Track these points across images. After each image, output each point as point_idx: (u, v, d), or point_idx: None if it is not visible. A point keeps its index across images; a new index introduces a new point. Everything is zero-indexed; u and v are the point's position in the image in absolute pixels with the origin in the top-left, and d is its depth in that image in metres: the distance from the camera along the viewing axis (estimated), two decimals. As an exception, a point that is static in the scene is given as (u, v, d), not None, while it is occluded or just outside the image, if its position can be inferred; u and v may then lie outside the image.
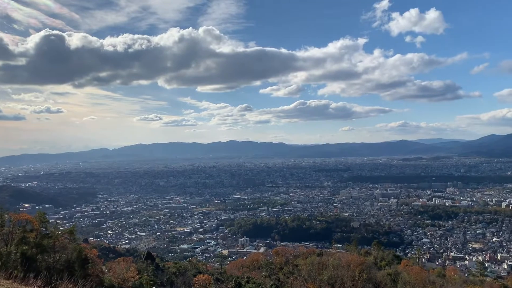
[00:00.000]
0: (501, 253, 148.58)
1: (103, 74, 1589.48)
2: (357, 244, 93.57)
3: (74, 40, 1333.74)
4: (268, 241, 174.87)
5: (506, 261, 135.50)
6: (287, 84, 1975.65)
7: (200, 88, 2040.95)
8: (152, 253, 60.61)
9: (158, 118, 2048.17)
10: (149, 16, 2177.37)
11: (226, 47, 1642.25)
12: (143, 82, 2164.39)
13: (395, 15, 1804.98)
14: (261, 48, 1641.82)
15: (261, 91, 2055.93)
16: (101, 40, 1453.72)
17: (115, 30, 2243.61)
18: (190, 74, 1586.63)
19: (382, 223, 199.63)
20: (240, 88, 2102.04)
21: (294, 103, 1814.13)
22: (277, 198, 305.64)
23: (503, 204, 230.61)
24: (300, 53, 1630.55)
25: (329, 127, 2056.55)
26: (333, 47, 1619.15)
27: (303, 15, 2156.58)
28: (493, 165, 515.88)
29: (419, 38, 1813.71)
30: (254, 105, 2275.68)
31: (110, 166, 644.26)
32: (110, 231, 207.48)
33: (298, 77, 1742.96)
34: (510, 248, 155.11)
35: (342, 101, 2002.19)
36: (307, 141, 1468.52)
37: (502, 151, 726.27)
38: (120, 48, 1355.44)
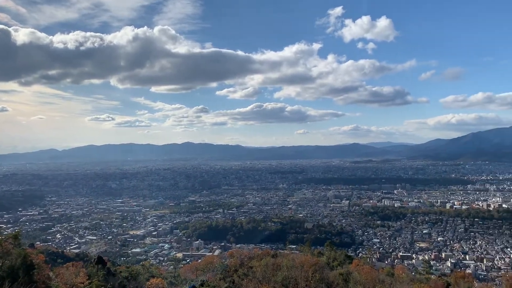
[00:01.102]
0: (445, 251, 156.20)
1: (52, 72, 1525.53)
2: (311, 245, 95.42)
3: (21, 35, 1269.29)
4: (223, 244, 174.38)
5: (449, 259, 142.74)
6: (244, 87, 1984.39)
7: (154, 89, 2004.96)
8: (104, 258, 58.80)
9: (110, 119, 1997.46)
10: (102, 13, 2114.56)
11: (182, 48, 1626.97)
12: (95, 81, 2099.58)
13: (348, 21, 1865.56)
14: (217, 49, 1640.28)
15: (217, 92, 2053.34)
16: (51, 37, 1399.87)
17: (66, 27, 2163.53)
18: (144, 74, 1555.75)
19: (334, 224, 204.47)
20: (196, 89, 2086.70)
21: (251, 106, 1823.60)
22: (233, 200, 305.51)
23: (447, 205, 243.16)
24: (257, 56, 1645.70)
25: (285, 130, 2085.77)
26: (289, 51, 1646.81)
27: (260, 18, 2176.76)
28: (438, 168, 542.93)
29: (371, 45, 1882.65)
30: (210, 107, 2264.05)
31: (59, 167, 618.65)
32: (58, 235, 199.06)
33: (254, 80, 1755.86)
34: (453, 247, 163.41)
35: (297, 104, 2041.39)
36: (264, 144, 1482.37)
37: (447, 155, 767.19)
38: (71, 45, 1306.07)
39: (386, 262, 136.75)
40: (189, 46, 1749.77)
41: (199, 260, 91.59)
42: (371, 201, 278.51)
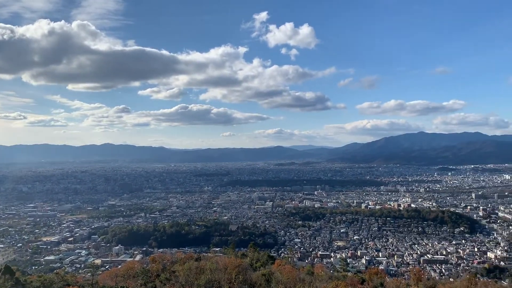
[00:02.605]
0: (361, 249, 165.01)
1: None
2: (235, 246, 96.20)
3: None
4: (145, 249, 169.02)
5: (364, 257, 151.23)
6: (168, 87, 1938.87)
7: (72, 86, 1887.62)
8: (12, 267, 54.22)
9: (22, 117, 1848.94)
10: (13, 3, 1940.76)
11: (103, 44, 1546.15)
12: (5, 76, 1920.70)
13: (272, 27, 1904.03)
14: (141, 48, 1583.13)
15: (140, 92, 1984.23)
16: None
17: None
18: (60, 70, 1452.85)
19: (258, 225, 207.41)
20: (117, 88, 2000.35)
21: (176, 107, 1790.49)
22: (155, 204, 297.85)
23: (363, 205, 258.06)
24: (182, 56, 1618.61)
25: (210, 132, 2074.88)
26: (215, 53, 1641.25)
27: (185, 18, 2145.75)
28: (355, 170, 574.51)
29: (294, 51, 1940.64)
30: (132, 107, 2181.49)
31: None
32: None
33: (179, 80, 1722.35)
34: (368, 245, 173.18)
35: (223, 106, 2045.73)
36: (189, 146, 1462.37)
37: (363, 158, 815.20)
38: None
39: (307, 261, 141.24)
40: (111, 43, 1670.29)
41: (119, 266, 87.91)
42: (293, 202, 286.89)
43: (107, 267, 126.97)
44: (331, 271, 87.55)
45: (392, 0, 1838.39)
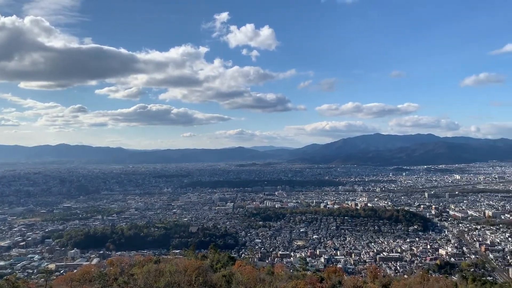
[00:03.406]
0: (320, 248, 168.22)
1: None
2: (195, 248, 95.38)
3: None
4: (102, 252, 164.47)
5: (323, 256, 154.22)
6: (127, 86, 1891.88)
7: (24, 84, 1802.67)
8: (-43, 275, 51.47)
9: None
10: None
11: (58, 41, 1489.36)
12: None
13: (233, 28, 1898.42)
14: (98, 45, 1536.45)
15: (97, 91, 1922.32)
16: None
17: None
18: (12, 67, 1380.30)
19: (219, 226, 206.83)
20: (73, 87, 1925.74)
21: (134, 107, 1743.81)
22: (113, 206, 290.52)
23: (322, 205, 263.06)
24: (141, 55, 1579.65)
25: (170, 132, 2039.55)
26: (175, 53, 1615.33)
27: (145, 16, 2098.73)
28: (314, 170, 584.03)
29: (254, 52, 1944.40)
30: (89, 106, 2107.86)
31: None
32: None
33: (138, 80, 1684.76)
34: (326, 244, 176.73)
35: (183, 107, 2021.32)
36: (148, 146, 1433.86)
37: (321, 158, 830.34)
38: None
39: (267, 261, 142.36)
40: (66, 40, 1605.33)
41: (75, 271, 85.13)
42: (254, 202, 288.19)
43: (62, 271, 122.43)
44: (291, 271, 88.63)
45: (350, 4, 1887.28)
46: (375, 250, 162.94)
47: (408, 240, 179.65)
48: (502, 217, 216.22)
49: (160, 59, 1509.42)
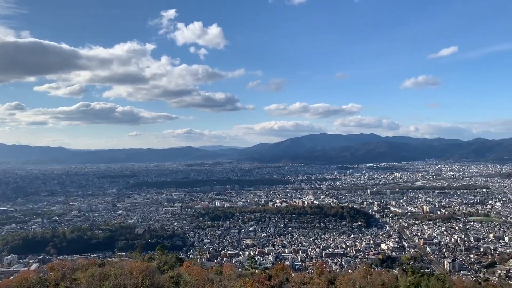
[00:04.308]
0: (268, 246, 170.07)
1: None
2: (142, 250, 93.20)
3: None
4: (42, 257, 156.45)
5: (271, 254, 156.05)
6: (69, 83, 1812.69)
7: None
8: None
9: None
10: None
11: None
12: None
13: (180, 25, 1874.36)
14: (37, 40, 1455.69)
15: (36, 88, 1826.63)
16: None
17: None
18: None
19: (166, 227, 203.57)
20: (9, 83, 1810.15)
21: (77, 104, 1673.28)
22: (54, 208, 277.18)
23: (270, 204, 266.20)
24: (84, 51, 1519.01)
25: (115, 131, 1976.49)
26: (120, 49, 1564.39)
27: (88, 11, 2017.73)
28: (263, 169, 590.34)
29: (203, 51, 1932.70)
30: (27, 104, 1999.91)
31: None
32: None
33: (81, 77, 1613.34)
34: (275, 242, 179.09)
35: (129, 105, 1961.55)
36: (91, 146, 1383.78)
37: (270, 158, 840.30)
38: None
39: (216, 261, 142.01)
40: (1, 33, 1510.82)
41: (12, 277, 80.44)
42: (202, 202, 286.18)
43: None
44: (240, 270, 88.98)
45: (297, 5, 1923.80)
46: (321, 247, 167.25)
47: (352, 236, 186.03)
48: (439, 212, 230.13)
49: (104, 56, 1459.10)
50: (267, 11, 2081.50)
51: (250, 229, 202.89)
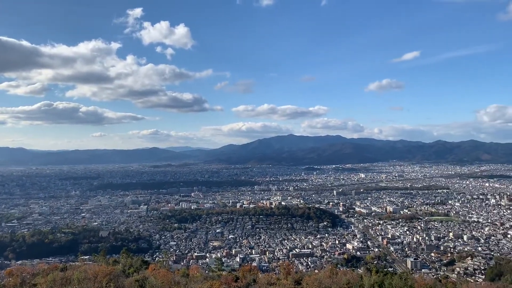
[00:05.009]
0: (235, 248, 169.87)
1: None
2: (106, 253, 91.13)
3: None
4: (0, 262, 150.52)
5: (239, 255, 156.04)
6: (30, 82, 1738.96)
7: None
8: None
9: None
10: None
11: None
12: None
13: (147, 24, 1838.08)
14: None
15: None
16: None
17: None
18: None
19: (131, 230, 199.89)
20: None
21: (38, 104, 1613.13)
22: (13, 211, 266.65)
23: (238, 205, 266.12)
24: (46, 49, 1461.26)
25: (79, 132, 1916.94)
26: (84, 48, 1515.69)
27: (51, 7, 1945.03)
28: (231, 171, 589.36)
29: (169, 51, 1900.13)
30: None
31: None
32: None
33: (43, 75, 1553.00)
34: (242, 243, 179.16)
35: (93, 105, 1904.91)
36: (53, 147, 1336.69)
37: (238, 159, 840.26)
38: None
39: (182, 263, 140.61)
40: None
41: (-34, 285, 76.98)
42: (169, 204, 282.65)
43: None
44: (207, 272, 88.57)
45: (265, 8, 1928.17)
46: (288, 247, 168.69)
47: (318, 236, 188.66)
48: (401, 212, 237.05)
49: (67, 54, 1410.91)
50: (235, 12, 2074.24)
51: (217, 230, 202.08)
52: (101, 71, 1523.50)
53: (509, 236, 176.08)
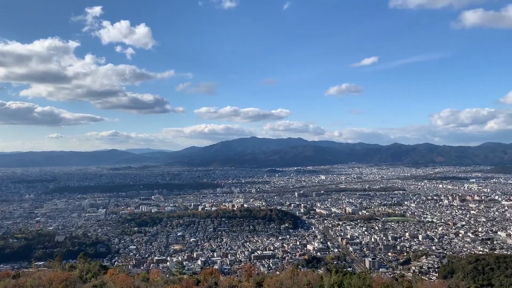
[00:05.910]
0: (197, 251, 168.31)
1: None
2: (62, 259, 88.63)
3: None
4: None
5: (200, 258, 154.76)
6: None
7: None
8: None
9: None
10: None
11: None
12: None
13: (106, 23, 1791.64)
14: None
15: None
16: None
17: None
18: None
19: (89, 234, 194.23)
20: None
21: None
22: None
23: (200, 208, 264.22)
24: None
25: (33, 133, 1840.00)
26: (39, 46, 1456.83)
27: (3, 2, 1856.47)
28: (193, 173, 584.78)
29: (130, 50, 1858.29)
30: None
31: None
32: None
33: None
34: (204, 246, 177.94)
35: (49, 105, 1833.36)
36: (5, 149, 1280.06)
37: (200, 161, 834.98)
38: None
39: (142, 267, 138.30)
40: None
41: None
42: (129, 208, 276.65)
43: None
44: (168, 275, 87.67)
45: (227, 10, 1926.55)
46: (250, 249, 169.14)
47: (280, 237, 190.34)
48: (360, 213, 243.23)
49: (21, 52, 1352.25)
50: (197, 13, 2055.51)
51: (178, 234, 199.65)
52: (58, 70, 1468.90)
53: (460, 235, 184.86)
